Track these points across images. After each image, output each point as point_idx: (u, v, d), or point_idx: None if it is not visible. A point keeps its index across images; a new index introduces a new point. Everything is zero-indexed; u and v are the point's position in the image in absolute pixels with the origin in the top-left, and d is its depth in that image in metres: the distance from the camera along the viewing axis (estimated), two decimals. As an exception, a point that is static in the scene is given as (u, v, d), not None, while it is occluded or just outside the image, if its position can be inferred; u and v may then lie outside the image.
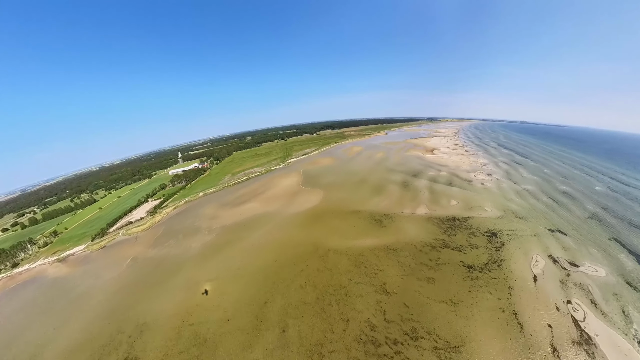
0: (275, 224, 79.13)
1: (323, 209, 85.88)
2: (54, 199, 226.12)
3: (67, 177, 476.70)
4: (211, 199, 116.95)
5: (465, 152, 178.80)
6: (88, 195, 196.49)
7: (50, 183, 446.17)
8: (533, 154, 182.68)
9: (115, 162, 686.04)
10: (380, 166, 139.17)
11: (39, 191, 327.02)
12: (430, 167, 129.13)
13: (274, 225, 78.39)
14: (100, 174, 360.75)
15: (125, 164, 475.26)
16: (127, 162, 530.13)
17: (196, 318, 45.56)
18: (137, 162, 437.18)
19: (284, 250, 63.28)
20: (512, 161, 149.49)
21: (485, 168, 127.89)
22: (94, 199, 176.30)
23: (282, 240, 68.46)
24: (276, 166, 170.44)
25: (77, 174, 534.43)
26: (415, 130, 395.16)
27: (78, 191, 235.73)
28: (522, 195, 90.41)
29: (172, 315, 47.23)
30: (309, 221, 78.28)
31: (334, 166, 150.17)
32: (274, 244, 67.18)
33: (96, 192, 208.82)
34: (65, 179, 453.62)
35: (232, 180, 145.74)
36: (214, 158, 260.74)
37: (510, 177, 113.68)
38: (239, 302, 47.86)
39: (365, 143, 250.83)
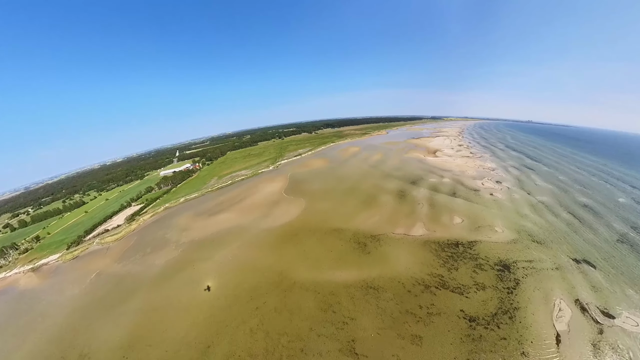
0: (243, 242, 68.65)
1: (301, 225, 74.06)
2: (48, 200, 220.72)
3: (69, 175, 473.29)
4: (190, 206, 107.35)
5: (471, 154, 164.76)
6: (80, 196, 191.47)
7: (53, 181, 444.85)
8: (544, 157, 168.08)
9: (117, 159, 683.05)
10: (375, 170, 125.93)
11: (38, 190, 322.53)
12: (431, 173, 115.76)
13: (242, 244, 67.98)
14: (98, 173, 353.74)
15: (125, 162, 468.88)
16: (128, 160, 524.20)
17: (137, 355, 40.82)
18: (136, 160, 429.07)
19: (245, 277, 53.82)
20: (522, 166, 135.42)
21: (494, 174, 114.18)
22: (83, 201, 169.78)
23: (246, 264, 58.39)
24: (265, 168, 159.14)
25: (79, 171, 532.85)
26: (417, 129, 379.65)
27: (72, 192, 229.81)
28: (538, 209, 77.10)
29: (115, 347, 42.97)
30: (281, 240, 66.79)
31: (325, 170, 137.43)
32: (235, 269, 57.79)
33: (88, 194, 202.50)
34: (67, 177, 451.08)
35: (216, 184, 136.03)
36: (206, 158, 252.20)
37: (523, 185, 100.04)
38: (181, 341, 41.55)
39: (363, 143, 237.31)
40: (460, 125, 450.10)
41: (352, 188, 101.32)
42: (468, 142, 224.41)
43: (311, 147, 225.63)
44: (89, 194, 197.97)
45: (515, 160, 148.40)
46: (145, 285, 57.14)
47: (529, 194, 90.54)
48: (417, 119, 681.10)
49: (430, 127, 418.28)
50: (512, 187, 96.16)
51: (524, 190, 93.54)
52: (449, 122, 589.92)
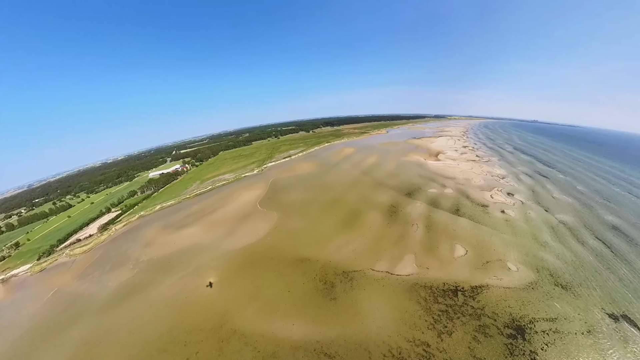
0: (197, 267, 59.07)
1: (264, 250, 61.45)
2: (40, 201, 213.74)
3: (71, 174, 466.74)
4: (162, 216, 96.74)
5: (477, 157, 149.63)
6: (70, 198, 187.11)
7: (55, 179, 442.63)
8: (557, 161, 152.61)
9: (118, 157, 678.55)
10: (367, 178, 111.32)
11: (36, 189, 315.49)
12: (431, 181, 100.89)
13: (194, 269, 58.36)
14: (94, 172, 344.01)
15: (123, 161, 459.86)
16: (127, 158, 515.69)
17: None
18: (134, 159, 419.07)
19: (186, 315, 45.40)
20: (535, 172, 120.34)
21: (504, 183, 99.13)
22: (69, 204, 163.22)
23: (191, 299, 49.31)
24: (249, 172, 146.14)
25: (81, 169, 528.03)
26: (419, 128, 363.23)
27: (64, 192, 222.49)
28: (559, 234, 62.48)
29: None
30: (235, 270, 55.35)
31: (311, 176, 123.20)
32: (180, 302, 48.99)
33: (78, 195, 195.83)
34: (69, 175, 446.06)
35: (195, 190, 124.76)
36: (196, 159, 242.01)
37: (539, 199, 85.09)
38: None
39: (360, 143, 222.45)
40: (464, 125, 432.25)
41: (335, 201, 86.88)
42: (473, 144, 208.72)
43: (304, 148, 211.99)
44: (79, 196, 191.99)
45: (527, 166, 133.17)
46: (92, 311, 51.89)
47: (547, 210, 75.93)
48: (420, 118, 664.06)
49: (433, 126, 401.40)
50: (526, 202, 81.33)
51: (541, 206, 78.85)
52: (452, 121, 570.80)
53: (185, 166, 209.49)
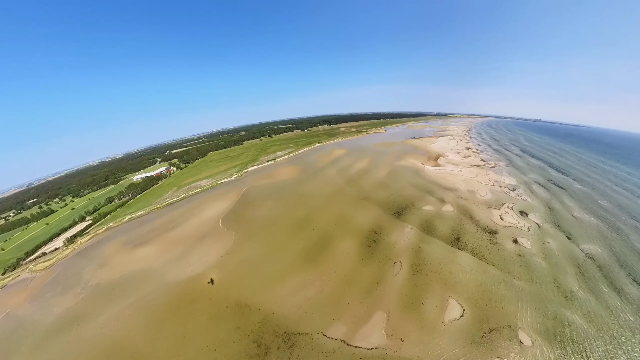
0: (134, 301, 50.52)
1: (204, 286, 50.12)
2: (29, 204, 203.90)
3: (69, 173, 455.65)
4: (127, 229, 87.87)
5: (482, 162, 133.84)
6: (57, 201, 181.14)
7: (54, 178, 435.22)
8: (570, 167, 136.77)
9: (117, 155, 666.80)
10: (352, 188, 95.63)
11: (31, 190, 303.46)
12: (428, 193, 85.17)
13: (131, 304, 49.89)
14: (87, 173, 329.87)
15: (118, 160, 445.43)
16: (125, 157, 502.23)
17: None
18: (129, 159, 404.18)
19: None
20: (548, 181, 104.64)
21: (515, 197, 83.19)
22: (52, 210, 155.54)
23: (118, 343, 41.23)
24: (227, 178, 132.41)
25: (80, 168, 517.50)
26: (420, 127, 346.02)
27: (53, 195, 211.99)
28: (588, 276, 47.39)
29: None
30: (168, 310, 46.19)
31: (289, 184, 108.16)
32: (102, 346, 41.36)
33: (64, 199, 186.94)
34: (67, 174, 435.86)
35: (169, 199, 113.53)
36: (183, 160, 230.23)
37: (558, 219, 69.55)
38: None
39: (353, 143, 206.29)
40: (466, 124, 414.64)
41: (306, 221, 71.61)
42: (477, 145, 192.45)
43: (293, 149, 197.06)
44: (65, 200, 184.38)
45: (538, 172, 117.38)
46: (30, 343, 46.13)
47: (570, 238, 60.42)
48: (421, 116, 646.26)
49: (434, 124, 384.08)
50: (543, 225, 65.72)
51: (562, 231, 63.28)
52: (454, 119, 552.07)
53: (170, 169, 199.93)
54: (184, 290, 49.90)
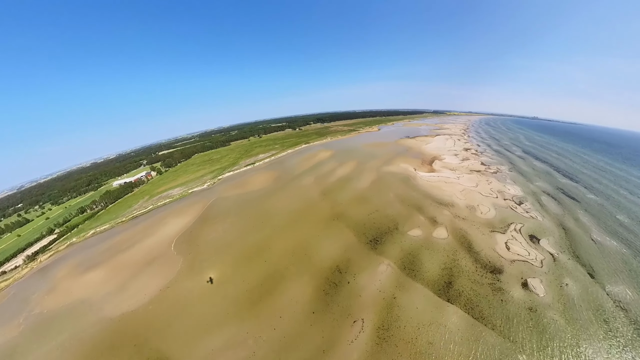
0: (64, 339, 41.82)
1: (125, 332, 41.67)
2: (10, 211, 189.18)
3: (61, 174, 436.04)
4: (86, 247, 78.60)
5: (482, 165, 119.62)
6: (36, 209, 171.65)
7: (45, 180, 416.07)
8: (577, 170, 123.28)
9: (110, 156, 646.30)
10: (326, 202, 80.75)
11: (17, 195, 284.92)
12: (417, 210, 70.17)
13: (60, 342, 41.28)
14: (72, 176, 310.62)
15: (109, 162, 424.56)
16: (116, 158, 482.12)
17: None
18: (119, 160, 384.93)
19: None
20: (558, 190, 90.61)
21: (522, 213, 68.27)
22: (27, 220, 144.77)
23: None
24: (200, 186, 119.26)
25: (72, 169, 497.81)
26: (415, 125, 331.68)
27: (34, 202, 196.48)
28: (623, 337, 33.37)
29: None
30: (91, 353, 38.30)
31: (257, 196, 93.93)
32: None
33: (43, 206, 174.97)
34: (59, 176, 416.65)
35: (137, 210, 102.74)
36: (165, 164, 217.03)
37: (575, 246, 55.00)
38: None
39: (342, 144, 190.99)
40: (464, 121, 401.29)
41: (259, 248, 57.61)
42: (476, 145, 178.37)
43: (277, 151, 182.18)
44: (44, 207, 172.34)
45: (545, 179, 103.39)
46: None
47: (592, 274, 45.83)
48: (418, 113, 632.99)
49: (431, 122, 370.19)
50: (559, 255, 51.12)
51: (581, 263, 48.73)
52: (451, 117, 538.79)
53: (149, 174, 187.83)
54: (114, 331, 41.32)
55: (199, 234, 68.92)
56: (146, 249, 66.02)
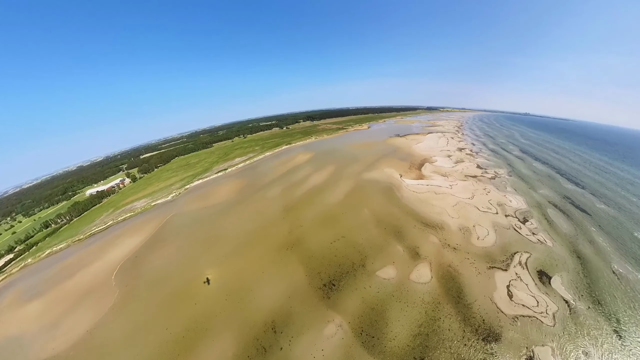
0: None
1: None
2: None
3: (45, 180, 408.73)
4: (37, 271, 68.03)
5: (479, 169, 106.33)
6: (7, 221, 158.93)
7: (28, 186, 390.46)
8: (581, 173, 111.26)
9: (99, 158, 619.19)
10: (287, 221, 66.85)
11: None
12: (396, 238, 55.70)
13: None
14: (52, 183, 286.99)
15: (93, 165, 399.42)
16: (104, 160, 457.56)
17: None
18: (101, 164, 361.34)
19: None
20: (565, 200, 77.44)
21: (528, 236, 54.42)
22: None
23: None
24: (165, 197, 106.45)
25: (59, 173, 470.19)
26: (408, 122, 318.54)
27: (7, 212, 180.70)
28: None
29: None
30: None
31: (216, 210, 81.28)
32: None
33: (15, 218, 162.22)
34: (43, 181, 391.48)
35: (96, 226, 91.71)
36: (141, 170, 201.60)
37: (594, 284, 41.34)
38: None
39: (325, 145, 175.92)
40: (457, 118, 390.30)
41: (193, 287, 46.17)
42: (471, 144, 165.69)
43: (257, 152, 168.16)
44: (16, 219, 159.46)
45: (548, 184, 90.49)
46: None
47: (620, 334, 32.42)
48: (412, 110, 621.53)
49: (424, 119, 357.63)
50: (575, 303, 37.29)
51: (605, 315, 35.07)
52: (445, 113, 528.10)
53: (123, 181, 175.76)
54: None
55: (143, 260, 59.12)
56: (89, 277, 57.02)
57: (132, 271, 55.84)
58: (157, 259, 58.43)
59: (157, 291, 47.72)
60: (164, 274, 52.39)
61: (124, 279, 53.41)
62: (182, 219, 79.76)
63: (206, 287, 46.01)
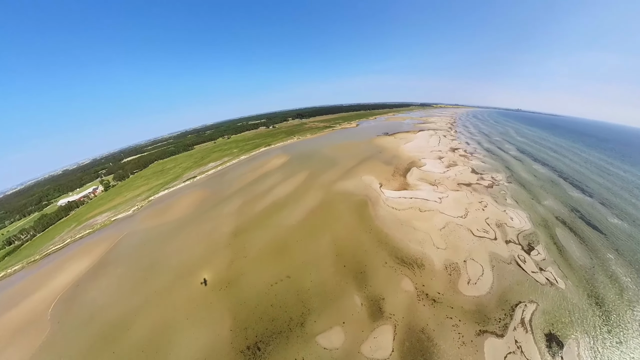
0: None
1: None
2: None
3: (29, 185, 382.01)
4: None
5: (473, 174, 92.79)
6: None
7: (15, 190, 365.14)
8: (584, 176, 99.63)
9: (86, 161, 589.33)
10: (234, 247, 54.09)
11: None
12: (360, 278, 42.94)
13: None
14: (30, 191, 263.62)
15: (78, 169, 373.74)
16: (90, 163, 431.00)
17: None
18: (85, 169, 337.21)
19: None
20: (574, 214, 64.47)
21: (533, 271, 41.60)
22: None
23: None
24: (126, 211, 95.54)
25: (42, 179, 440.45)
26: (399, 119, 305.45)
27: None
28: None
29: None
30: None
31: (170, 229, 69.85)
32: None
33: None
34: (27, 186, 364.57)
35: (54, 245, 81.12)
36: (116, 177, 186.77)
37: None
38: None
39: (305, 146, 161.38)
40: (451, 114, 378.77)
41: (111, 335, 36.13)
42: (465, 143, 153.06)
43: (234, 156, 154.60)
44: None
45: (553, 193, 77.14)
46: None
47: None
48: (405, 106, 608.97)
49: (416, 115, 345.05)
50: None
51: None
52: (438, 109, 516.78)
53: (95, 190, 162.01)
54: None
55: (82, 291, 52.07)
56: (28, 308, 49.83)
57: (68, 303, 48.60)
58: (94, 290, 50.51)
59: (84, 332, 40.15)
60: (96, 310, 44.68)
61: (59, 314, 46.25)
62: (133, 239, 69.67)
63: (128, 332, 37.26)
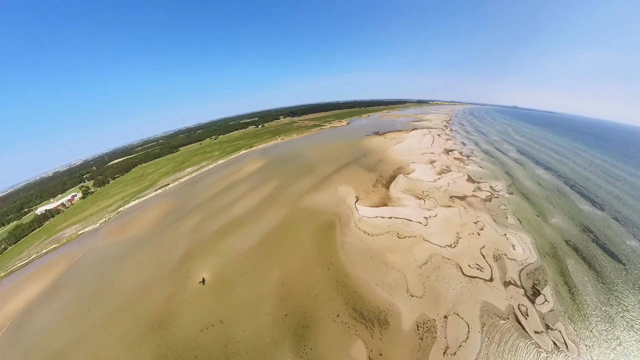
0: None
1: None
2: None
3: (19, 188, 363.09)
4: None
5: (469, 182, 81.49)
6: None
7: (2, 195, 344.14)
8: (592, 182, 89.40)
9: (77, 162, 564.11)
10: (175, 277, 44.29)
11: None
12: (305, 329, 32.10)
13: None
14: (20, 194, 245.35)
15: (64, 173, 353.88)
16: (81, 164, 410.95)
17: None
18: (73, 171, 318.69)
19: None
20: (584, 233, 53.28)
21: (537, 328, 30.64)
22: None
23: None
24: (94, 223, 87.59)
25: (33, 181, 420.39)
26: (393, 116, 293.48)
27: None
28: None
29: None
30: None
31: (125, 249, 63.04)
32: None
33: None
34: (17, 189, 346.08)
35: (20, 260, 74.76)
36: (97, 182, 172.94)
37: None
38: None
39: (287, 148, 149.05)
40: (447, 111, 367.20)
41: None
42: (461, 143, 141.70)
43: (213, 159, 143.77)
44: None
45: (561, 207, 65.84)
46: None
47: None
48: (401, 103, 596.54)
49: (411, 113, 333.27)
50: None
51: None
52: (434, 106, 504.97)
53: (74, 197, 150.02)
54: None
55: (31, 317, 46.89)
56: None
57: (16, 332, 43.92)
58: (43, 318, 45.76)
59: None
60: (40, 341, 40.35)
61: (5, 344, 42.11)
62: (90, 259, 63.82)
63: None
